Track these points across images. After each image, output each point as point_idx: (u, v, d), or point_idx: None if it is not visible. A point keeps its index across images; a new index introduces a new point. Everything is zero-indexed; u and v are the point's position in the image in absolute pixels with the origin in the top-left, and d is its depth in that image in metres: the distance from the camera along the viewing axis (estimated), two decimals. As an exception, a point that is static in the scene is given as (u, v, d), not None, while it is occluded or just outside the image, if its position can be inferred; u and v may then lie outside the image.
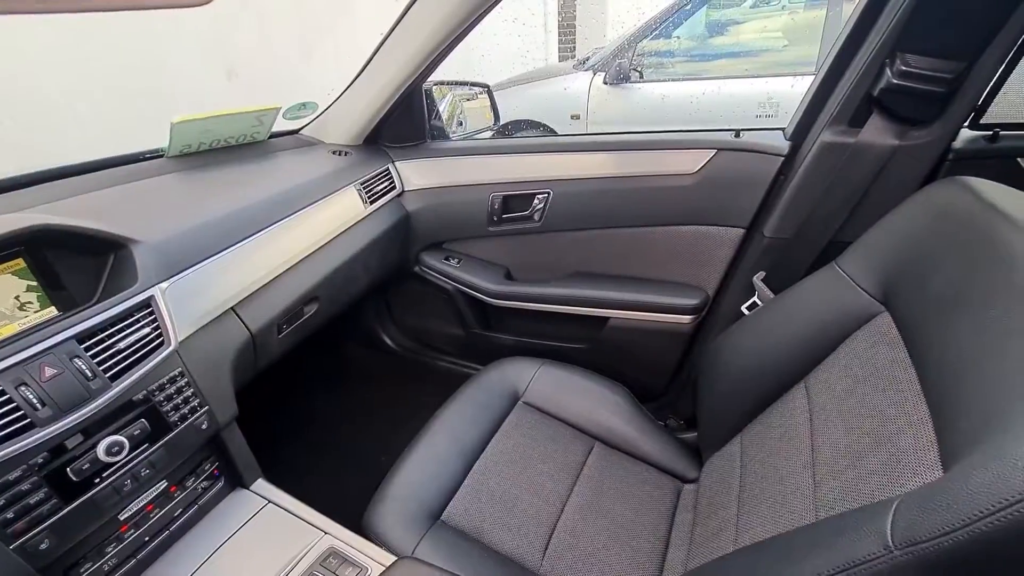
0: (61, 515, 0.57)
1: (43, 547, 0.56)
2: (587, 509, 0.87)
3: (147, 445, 0.65)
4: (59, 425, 0.56)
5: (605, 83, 3.15)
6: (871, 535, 0.38)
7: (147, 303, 0.67)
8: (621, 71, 3.10)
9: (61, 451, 0.57)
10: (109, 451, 0.60)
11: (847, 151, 0.95)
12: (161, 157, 0.98)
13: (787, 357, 0.77)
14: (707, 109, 2.88)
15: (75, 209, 0.76)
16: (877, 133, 0.93)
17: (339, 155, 1.18)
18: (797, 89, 2.61)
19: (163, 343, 0.67)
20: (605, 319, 1.22)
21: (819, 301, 0.76)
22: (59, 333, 0.59)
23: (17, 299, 0.60)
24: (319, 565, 0.67)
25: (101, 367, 0.61)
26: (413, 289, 1.40)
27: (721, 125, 1.14)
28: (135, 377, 0.63)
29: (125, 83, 2.23)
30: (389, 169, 1.23)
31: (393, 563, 0.61)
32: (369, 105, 1.16)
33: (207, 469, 0.76)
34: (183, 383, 0.69)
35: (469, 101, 1.48)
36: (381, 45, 1.07)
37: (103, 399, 0.60)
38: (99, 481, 0.61)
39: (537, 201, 1.21)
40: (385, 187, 1.20)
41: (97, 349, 0.61)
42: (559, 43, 5.45)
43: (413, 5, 0.98)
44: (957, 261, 0.57)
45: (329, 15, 3.19)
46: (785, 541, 0.51)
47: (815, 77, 1.00)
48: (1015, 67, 0.89)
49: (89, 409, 0.59)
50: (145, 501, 0.68)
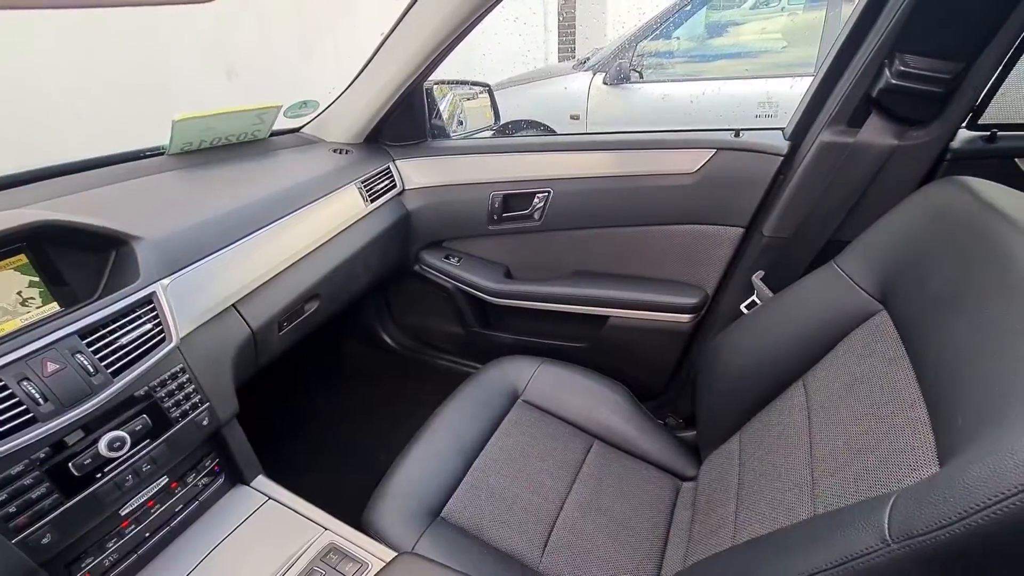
0: (63, 510, 0.57)
1: (45, 542, 0.56)
2: (586, 507, 0.87)
3: (148, 441, 0.65)
4: (61, 420, 0.56)
5: (605, 83, 3.15)
6: (868, 529, 0.39)
7: (149, 299, 0.67)
8: (621, 71, 3.10)
9: (63, 446, 0.58)
10: (111, 446, 0.60)
11: (846, 151, 0.96)
12: (162, 154, 0.99)
13: (786, 356, 0.77)
14: (707, 109, 2.89)
15: (77, 206, 0.76)
16: (876, 133, 0.93)
17: (340, 153, 1.18)
18: (796, 90, 2.62)
19: (164, 339, 0.67)
20: (605, 318, 1.23)
21: (818, 300, 0.76)
22: (61, 328, 0.59)
23: (19, 295, 0.60)
24: (319, 561, 0.67)
25: (103, 363, 0.61)
26: (413, 288, 1.40)
27: (721, 125, 1.15)
28: (137, 373, 0.63)
29: (125, 81, 2.23)
30: (390, 168, 1.23)
31: (393, 559, 0.61)
32: (370, 104, 1.16)
33: (208, 465, 0.77)
34: (184, 379, 0.69)
35: (469, 101, 1.48)
36: (382, 44, 1.07)
37: (105, 394, 0.60)
38: (101, 476, 0.61)
39: (537, 200, 1.21)
40: (386, 186, 1.20)
41: (99, 345, 0.61)
42: (559, 43, 5.46)
43: (415, 4, 0.98)
44: (955, 260, 0.58)
45: (329, 15, 3.19)
46: (783, 536, 0.51)
47: (814, 77, 1.01)
48: (1013, 68, 0.90)
49: (91, 404, 0.59)
50: (146, 497, 0.68)
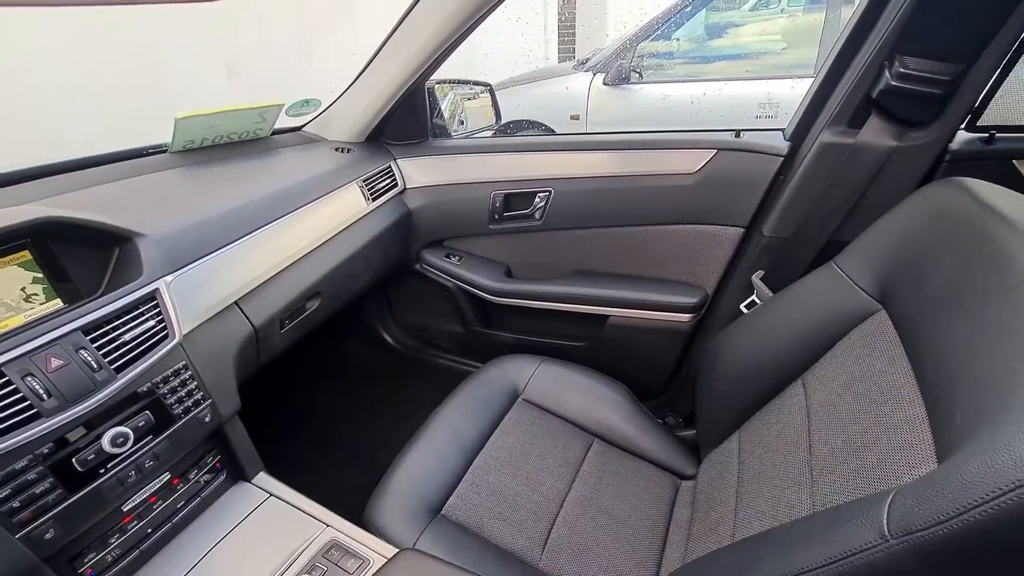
0: (66, 505, 0.58)
1: (48, 536, 0.56)
2: (586, 505, 0.87)
3: (151, 437, 0.65)
4: (65, 416, 0.57)
5: (605, 84, 3.15)
6: (867, 525, 0.39)
7: (152, 296, 0.67)
8: (621, 72, 3.10)
9: (67, 442, 0.58)
10: (114, 442, 0.60)
11: (846, 151, 0.96)
12: (164, 152, 0.99)
13: (785, 355, 0.78)
14: (708, 110, 2.89)
15: (80, 202, 0.77)
16: (876, 134, 0.94)
17: (341, 152, 1.18)
18: (797, 91, 2.62)
19: (167, 336, 0.67)
20: (605, 317, 1.23)
21: (817, 299, 0.76)
22: (65, 325, 0.59)
23: (23, 291, 0.60)
24: (321, 557, 0.68)
25: (106, 359, 0.61)
26: (414, 286, 1.40)
27: (722, 126, 1.15)
28: (140, 369, 0.63)
29: (124, 80, 2.23)
30: (391, 166, 1.23)
31: (395, 555, 0.61)
32: (372, 103, 1.17)
33: (209, 462, 0.77)
34: (187, 376, 0.69)
35: (470, 100, 1.48)
36: (385, 43, 1.07)
37: (108, 390, 0.60)
38: (104, 472, 0.61)
39: (538, 199, 1.22)
40: (387, 184, 1.20)
41: (102, 341, 0.62)
42: (559, 43, 5.46)
43: (417, 4, 0.99)
44: (953, 260, 0.58)
45: (330, 14, 3.19)
46: (782, 533, 0.51)
47: (815, 78, 1.01)
48: (1011, 70, 0.91)
49: (94, 400, 0.59)
50: (148, 493, 0.69)
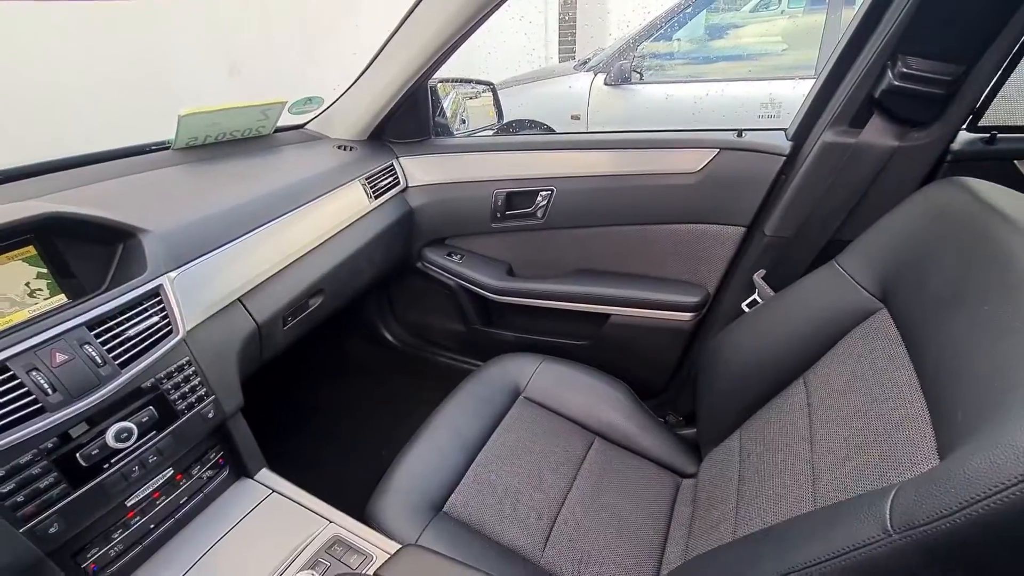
0: (70, 500, 0.58)
1: (52, 531, 0.56)
2: (587, 502, 0.87)
3: (155, 432, 0.65)
4: (69, 410, 0.57)
5: (606, 84, 3.16)
6: (870, 520, 0.39)
7: (156, 292, 0.67)
8: (622, 72, 3.11)
9: (71, 436, 0.58)
10: (118, 437, 0.61)
11: (848, 151, 0.96)
12: (167, 149, 0.99)
13: (786, 353, 0.78)
14: (709, 110, 2.89)
15: (85, 198, 0.77)
16: (877, 134, 0.94)
17: (344, 150, 1.18)
18: (799, 91, 2.63)
19: (171, 332, 0.68)
20: (606, 316, 1.23)
21: (819, 298, 0.77)
22: (70, 320, 0.59)
23: (27, 286, 0.61)
24: (324, 552, 0.68)
25: (111, 354, 0.61)
26: (415, 285, 1.41)
27: (724, 126, 1.15)
28: (144, 365, 0.64)
29: (124, 77, 2.22)
30: (393, 165, 1.23)
31: (398, 550, 0.61)
32: (375, 101, 1.17)
33: (212, 458, 0.77)
34: (190, 372, 0.70)
35: (471, 99, 1.48)
36: (388, 41, 1.07)
37: (112, 386, 0.60)
38: (108, 467, 0.61)
39: (541, 198, 1.22)
40: (389, 182, 1.21)
41: (106, 336, 0.62)
42: (560, 44, 5.46)
43: (420, 2, 0.99)
44: (954, 260, 0.58)
45: (331, 12, 3.19)
46: (783, 529, 0.52)
47: (816, 78, 1.01)
48: (1013, 71, 0.91)
49: (99, 395, 0.59)
50: (152, 488, 0.69)
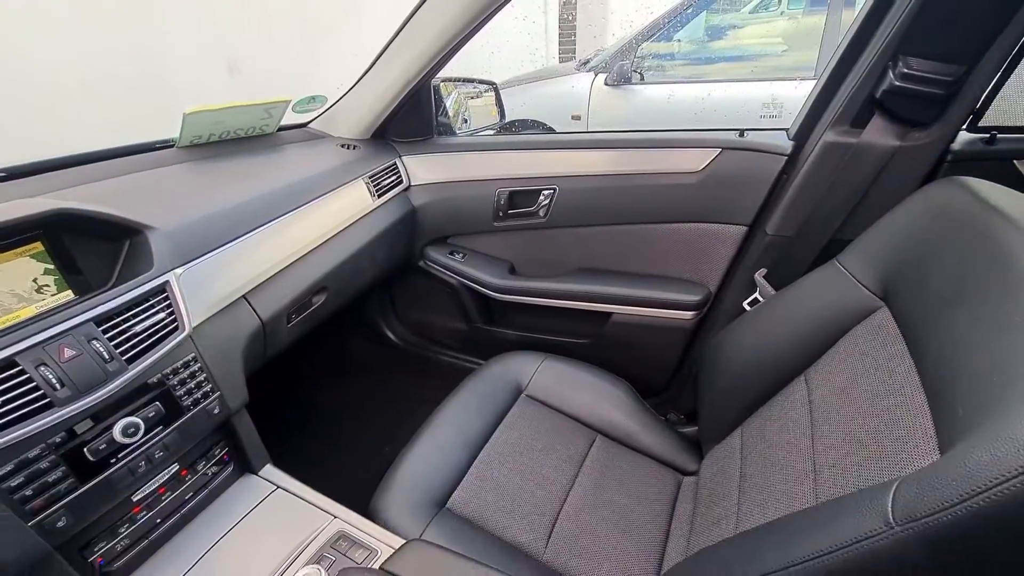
0: (78, 494, 0.58)
1: (60, 525, 0.57)
2: (589, 499, 0.88)
3: (161, 428, 0.66)
4: (77, 405, 0.57)
5: (607, 84, 3.16)
6: (872, 513, 0.40)
7: (162, 288, 0.68)
8: (623, 73, 3.11)
9: (79, 431, 0.58)
10: (125, 432, 0.61)
11: (849, 151, 0.97)
12: (171, 147, 0.99)
13: (788, 352, 0.78)
14: (712, 110, 2.89)
15: (91, 195, 0.77)
16: (878, 134, 0.95)
17: (347, 149, 1.19)
18: (801, 91, 2.63)
19: (177, 328, 0.68)
20: (608, 314, 1.24)
21: (820, 297, 0.77)
22: (78, 316, 0.60)
23: (35, 282, 0.61)
24: (329, 547, 0.68)
25: (118, 350, 0.62)
26: (417, 284, 1.41)
27: (725, 126, 1.16)
28: (150, 361, 0.64)
29: (125, 77, 2.22)
30: (396, 163, 1.24)
31: (403, 545, 0.62)
32: (378, 100, 1.17)
33: (217, 454, 0.77)
34: (196, 368, 0.70)
35: (473, 99, 1.49)
36: (392, 40, 1.08)
37: (120, 381, 0.61)
38: (115, 462, 0.62)
39: (543, 197, 1.22)
40: (392, 181, 1.21)
41: (113, 332, 0.62)
42: (560, 44, 5.47)
43: (425, 2, 0.99)
44: (955, 258, 0.59)
45: (332, 11, 3.19)
46: (785, 523, 0.52)
47: (818, 79, 1.02)
48: (1013, 72, 0.92)
49: (106, 390, 0.60)
50: (158, 484, 0.69)
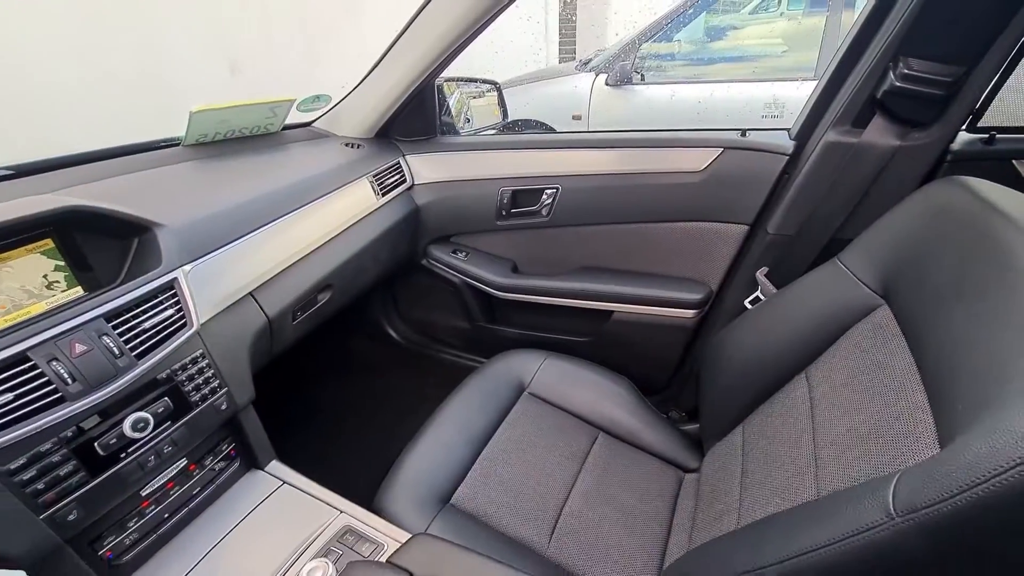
0: (88, 488, 0.59)
1: (71, 518, 0.58)
2: (592, 496, 0.89)
3: (170, 423, 0.67)
4: (88, 400, 0.58)
5: (607, 84, 3.17)
6: (873, 505, 0.41)
7: (171, 285, 0.68)
8: (623, 73, 3.12)
9: (89, 426, 0.59)
10: (135, 427, 0.62)
11: (850, 151, 0.98)
12: (177, 145, 1.00)
13: (788, 350, 0.79)
14: (713, 110, 2.89)
15: (99, 193, 0.78)
16: (879, 134, 0.96)
17: (351, 147, 1.19)
18: (802, 91, 2.64)
19: (186, 324, 0.69)
20: (610, 313, 1.24)
21: (821, 295, 0.78)
22: (88, 312, 0.60)
23: (45, 278, 0.62)
24: (336, 541, 0.69)
25: (127, 345, 0.62)
26: (420, 282, 1.42)
27: (727, 126, 1.16)
28: (160, 356, 0.65)
29: (125, 76, 2.23)
30: (400, 162, 1.25)
31: (409, 539, 0.62)
32: (382, 99, 1.18)
33: (224, 449, 0.78)
34: (204, 364, 0.71)
35: (476, 99, 1.50)
36: (396, 40, 1.09)
37: (130, 376, 0.61)
38: (125, 456, 0.62)
39: (546, 196, 1.23)
40: (396, 180, 1.22)
41: (123, 328, 0.63)
42: (560, 44, 5.48)
43: (429, 2, 1.00)
44: (954, 256, 0.60)
45: (333, 11, 3.20)
46: (787, 516, 0.53)
47: (820, 79, 1.03)
48: (1012, 73, 0.92)
49: (116, 385, 0.60)
50: (166, 478, 0.70)
